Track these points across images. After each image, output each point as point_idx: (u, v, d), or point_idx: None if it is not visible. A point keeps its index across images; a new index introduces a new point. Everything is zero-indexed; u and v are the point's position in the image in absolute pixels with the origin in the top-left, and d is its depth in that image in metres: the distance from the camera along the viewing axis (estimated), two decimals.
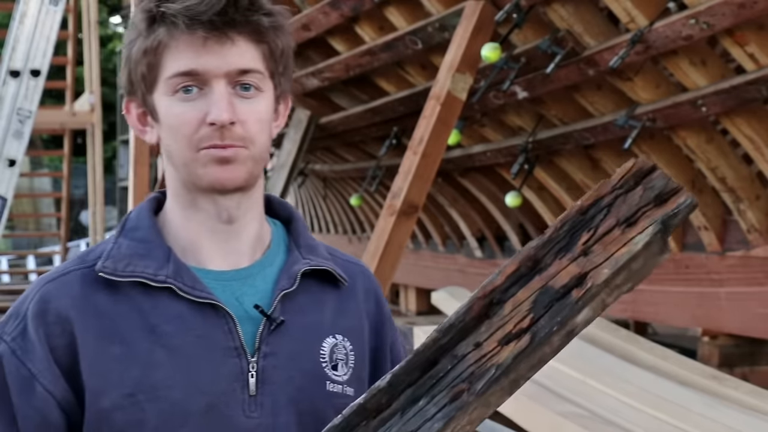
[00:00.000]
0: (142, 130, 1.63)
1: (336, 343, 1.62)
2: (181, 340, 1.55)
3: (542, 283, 1.41)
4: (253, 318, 1.58)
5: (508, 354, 1.38)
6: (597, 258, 1.41)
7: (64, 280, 1.59)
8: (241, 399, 1.55)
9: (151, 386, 1.53)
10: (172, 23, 1.54)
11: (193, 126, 1.55)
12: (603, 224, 1.42)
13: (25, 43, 9.22)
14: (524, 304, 1.40)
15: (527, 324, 1.39)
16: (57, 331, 1.55)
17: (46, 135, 19.32)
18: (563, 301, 1.39)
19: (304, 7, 7.12)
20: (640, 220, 1.41)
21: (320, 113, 8.01)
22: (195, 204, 1.60)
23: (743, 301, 5.78)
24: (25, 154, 9.53)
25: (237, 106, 1.55)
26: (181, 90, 1.55)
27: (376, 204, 8.98)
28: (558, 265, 1.41)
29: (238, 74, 1.56)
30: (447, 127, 5.62)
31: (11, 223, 18.02)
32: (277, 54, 1.59)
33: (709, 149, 5.50)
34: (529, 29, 5.53)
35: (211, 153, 1.55)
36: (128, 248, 1.59)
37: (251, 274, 1.61)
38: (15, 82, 9.14)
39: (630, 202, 1.42)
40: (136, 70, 1.58)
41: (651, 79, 5.43)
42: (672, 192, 1.43)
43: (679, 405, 4.79)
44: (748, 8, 4.58)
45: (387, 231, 5.44)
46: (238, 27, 1.55)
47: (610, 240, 1.41)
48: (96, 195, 12.90)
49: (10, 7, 10.12)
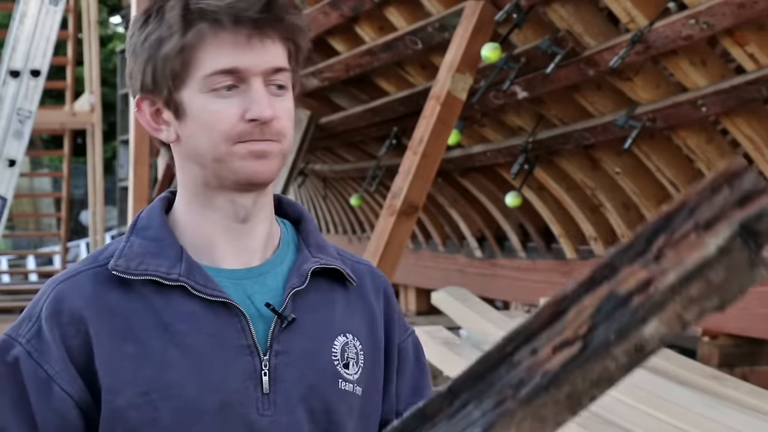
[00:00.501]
0: (156, 128, 1.62)
1: (347, 341, 1.63)
2: (194, 338, 1.56)
3: (609, 290, 1.32)
4: (264, 316, 1.59)
5: (557, 361, 1.30)
6: (667, 263, 1.30)
7: (77, 280, 1.59)
8: (254, 397, 1.56)
9: (164, 385, 1.54)
10: (215, 21, 1.54)
11: (232, 122, 1.55)
12: (681, 228, 1.31)
13: (25, 43, 9.22)
14: (587, 311, 1.32)
15: (585, 331, 1.31)
16: (72, 332, 1.56)
17: (46, 135, 19.32)
18: (625, 308, 1.30)
19: (304, 7, 7.12)
20: (719, 222, 1.30)
21: (320, 113, 8.01)
22: (212, 203, 1.61)
23: (743, 301, 5.76)
24: (25, 154, 9.53)
25: (274, 102, 1.57)
26: (222, 89, 1.55)
27: (376, 204, 8.98)
28: (629, 271, 1.32)
29: (273, 72, 1.57)
30: (447, 127, 5.62)
31: (11, 223, 18.02)
32: (300, 53, 1.62)
33: (709, 149, 5.50)
34: (529, 29, 5.53)
35: (249, 146, 1.55)
36: (140, 247, 1.60)
37: (262, 272, 1.62)
38: (15, 82, 9.14)
39: (714, 205, 1.30)
40: (164, 67, 1.56)
41: (651, 79, 5.43)
42: (758, 192, 1.30)
43: (679, 405, 4.79)
44: (748, 8, 4.58)
45: (387, 231, 5.44)
46: (276, 26, 1.56)
47: (685, 244, 1.30)
48: (96, 195, 12.91)
49: (10, 7, 10.13)
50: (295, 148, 8.15)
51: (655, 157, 5.76)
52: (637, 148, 5.69)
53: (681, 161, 5.80)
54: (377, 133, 7.68)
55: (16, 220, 18.49)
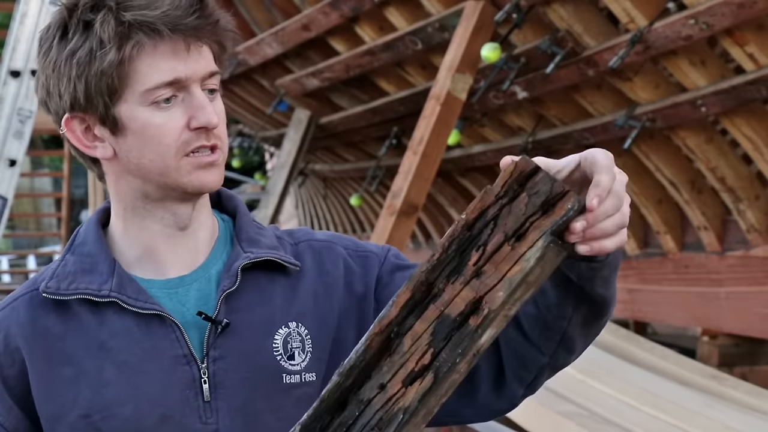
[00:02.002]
0: (89, 146, 1.57)
1: (289, 332, 1.58)
2: (129, 354, 1.54)
3: (438, 312, 1.35)
4: (199, 324, 1.56)
5: (414, 395, 1.33)
6: (490, 280, 1.34)
7: (13, 308, 1.59)
8: (195, 406, 1.54)
9: (103, 405, 1.53)
10: (153, 31, 1.50)
11: (176, 133, 1.52)
12: (491, 240, 1.35)
13: (25, 43, 9.21)
14: (423, 338, 1.34)
15: (429, 360, 1.34)
16: (8, 362, 1.56)
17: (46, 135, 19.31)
18: (462, 331, 1.34)
19: (304, 7, 7.12)
20: (528, 232, 1.34)
21: (320, 113, 8.01)
22: (151, 215, 1.58)
23: (743, 300, 5.78)
24: (25, 154, 9.53)
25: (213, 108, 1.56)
26: (162, 101, 1.52)
27: (376, 204, 8.98)
28: (451, 290, 1.35)
29: (208, 77, 1.55)
30: (447, 127, 5.63)
31: (12, 223, 18.02)
32: (224, 54, 1.59)
33: (709, 149, 5.50)
34: (528, 29, 5.54)
35: (197, 160, 1.54)
36: (73, 265, 1.58)
37: (197, 278, 1.59)
38: (15, 82, 9.14)
39: (516, 213, 1.34)
40: (99, 83, 1.51)
41: (651, 79, 5.43)
42: (558, 196, 1.34)
43: (678, 405, 4.80)
44: (748, 8, 4.59)
45: (387, 231, 5.45)
46: (206, 29, 1.54)
47: (501, 258, 1.34)
48: (96, 195, 12.91)
49: (11, 7, 10.13)
50: (295, 148, 8.15)
51: (654, 157, 5.77)
52: (637, 148, 5.69)
53: (680, 161, 5.81)
54: (377, 133, 7.68)
55: (16, 219, 18.49)
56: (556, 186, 1.35)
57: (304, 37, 7.18)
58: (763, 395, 4.99)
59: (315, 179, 10.28)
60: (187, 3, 1.51)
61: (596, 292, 1.47)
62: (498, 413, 1.62)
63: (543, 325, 1.51)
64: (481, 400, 1.58)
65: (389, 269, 1.65)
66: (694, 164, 5.73)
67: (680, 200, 5.88)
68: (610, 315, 1.55)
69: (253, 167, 14.48)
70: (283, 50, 7.53)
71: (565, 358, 1.56)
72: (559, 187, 1.35)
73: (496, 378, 1.57)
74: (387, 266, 1.66)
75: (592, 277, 1.45)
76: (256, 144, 11.40)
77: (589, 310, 1.51)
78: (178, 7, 1.51)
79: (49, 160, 21.35)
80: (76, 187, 17.37)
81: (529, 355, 1.54)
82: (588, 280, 1.46)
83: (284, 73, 7.82)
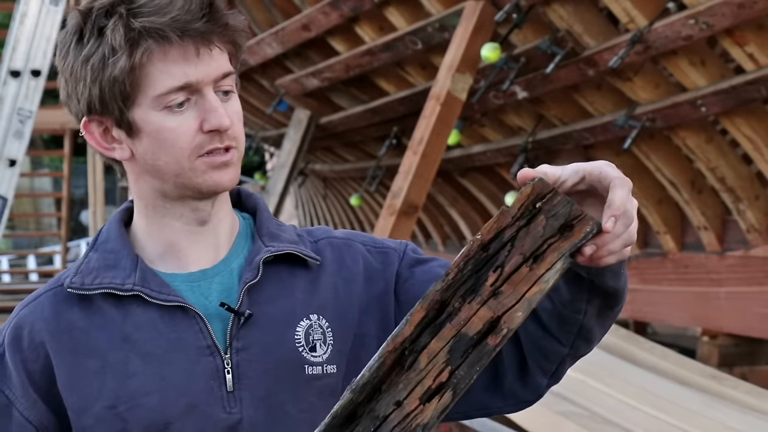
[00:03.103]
0: (107, 148, 1.60)
1: (311, 324, 1.61)
2: (154, 345, 1.57)
3: (455, 331, 1.38)
4: (222, 315, 1.59)
5: (432, 412, 1.37)
6: (508, 300, 1.38)
7: (38, 303, 1.62)
8: (219, 396, 1.57)
9: (129, 395, 1.56)
10: (162, 37, 1.52)
11: (190, 136, 1.55)
12: (509, 262, 1.39)
13: (25, 43, 9.21)
14: (440, 356, 1.38)
15: (446, 377, 1.37)
16: (32, 357, 1.59)
17: (46, 135, 19.32)
18: (480, 349, 1.38)
19: (304, 7, 7.13)
20: (546, 254, 1.38)
21: (320, 113, 8.01)
22: (172, 212, 1.61)
23: (743, 300, 5.78)
24: (25, 154, 9.53)
25: (226, 109, 1.57)
26: (175, 106, 1.54)
27: (376, 204, 8.98)
28: (468, 309, 1.39)
29: (221, 78, 1.57)
30: (447, 127, 5.63)
31: (12, 223, 18.03)
32: (240, 52, 1.61)
33: (709, 149, 5.51)
34: (528, 29, 5.54)
35: (211, 160, 1.56)
36: (97, 261, 1.61)
37: (218, 272, 1.62)
38: (15, 82, 9.14)
39: (534, 234, 1.39)
40: (113, 88, 1.54)
41: (650, 79, 5.43)
42: (575, 218, 1.39)
43: (678, 405, 4.80)
44: (748, 8, 4.59)
45: (387, 231, 5.45)
46: (216, 32, 1.55)
47: (519, 279, 1.38)
48: (96, 195, 12.91)
49: (10, 7, 10.13)
50: (295, 148, 8.16)
51: (654, 157, 5.77)
52: (637, 148, 5.69)
53: (680, 161, 5.81)
54: (377, 133, 7.68)
55: (16, 219, 18.51)
56: (575, 209, 1.39)
57: (304, 37, 7.18)
58: (763, 395, 4.99)
59: (315, 179, 10.28)
60: (196, 7, 1.53)
61: (607, 285, 1.51)
62: (525, 403, 1.65)
63: (560, 319, 1.55)
64: (507, 389, 1.62)
65: (408, 264, 1.68)
66: (694, 164, 5.73)
67: (680, 200, 5.88)
68: (624, 303, 1.58)
69: (253, 167, 14.50)
70: (283, 50, 7.53)
71: (585, 348, 1.61)
72: (577, 210, 1.39)
73: (519, 369, 1.61)
74: (406, 261, 1.69)
75: (602, 271, 1.49)
76: (256, 144, 11.40)
77: (603, 302, 1.54)
78: (188, 11, 1.52)
79: (49, 160, 21.36)
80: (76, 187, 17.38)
81: (549, 346, 1.58)
82: (598, 275, 1.50)
83: (284, 73, 7.83)
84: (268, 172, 11.88)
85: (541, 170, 1.42)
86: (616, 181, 1.43)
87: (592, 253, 1.41)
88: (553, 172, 1.43)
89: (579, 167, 1.45)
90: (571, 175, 1.44)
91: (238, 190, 1.71)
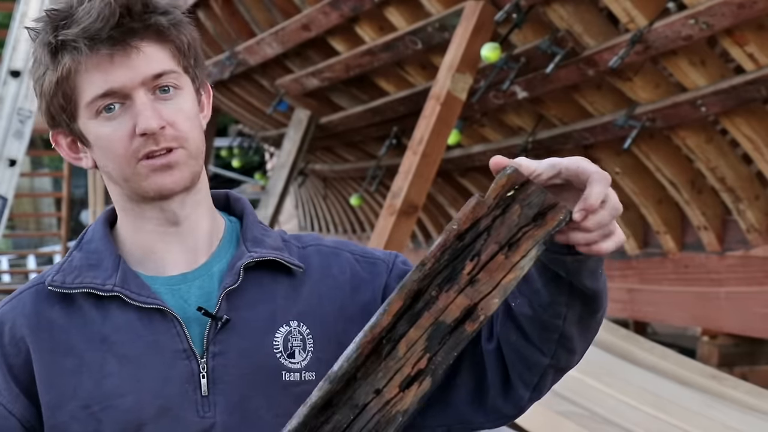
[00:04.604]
0: (76, 158, 1.64)
1: (290, 330, 1.60)
2: (131, 347, 1.58)
3: (432, 319, 1.40)
4: (200, 319, 1.59)
5: (412, 398, 1.39)
6: (484, 287, 1.41)
7: (18, 300, 1.63)
8: (194, 399, 1.57)
9: (103, 396, 1.57)
10: (74, 48, 1.53)
11: (125, 141, 1.55)
12: (485, 250, 1.41)
13: (25, 43, 9.20)
14: (418, 343, 1.40)
15: (425, 364, 1.39)
16: (13, 351, 1.60)
17: (46, 135, 19.30)
18: (457, 335, 1.40)
19: (304, 7, 7.12)
20: (521, 241, 1.41)
21: (320, 113, 8.01)
22: (142, 214, 1.62)
23: (743, 300, 5.78)
24: (25, 154, 9.53)
25: (162, 109, 1.56)
26: (103, 111, 1.55)
27: (376, 204, 8.98)
28: (446, 298, 1.41)
29: (153, 79, 1.56)
30: (447, 127, 5.63)
31: (12, 223, 18.02)
32: (185, 49, 1.59)
33: (709, 149, 5.51)
34: (528, 29, 5.54)
35: (150, 163, 1.56)
36: (80, 260, 1.62)
37: (199, 275, 1.62)
38: (15, 82, 9.14)
39: (509, 223, 1.41)
40: (53, 103, 1.57)
41: (650, 79, 5.43)
42: (549, 207, 1.42)
43: (678, 405, 4.80)
44: (748, 8, 4.59)
45: (387, 231, 5.45)
46: (139, 34, 1.54)
47: (495, 266, 1.41)
48: (96, 195, 12.91)
49: (11, 7, 10.13)
50: (295, 148, 8.16)
51: (654, 157, 5.77)
52: (637, 147, 5.69)
53: (680, 161, 5.81)
54: (377, 133, 7.68)
55: (16, 219, 18.50)
56: (548, 198, 1.42)
57: (304, 37, 7.18)
58: (763, 395, 4.99)
59: (315, 179, 10.28)
60: (110, 13, 1.52)
61: (585, 285, 1.51)
62: (507, 418, 1.64)
63: (540, 326, 1.54)
64: (490, 404, 1.61)
65: (398, 275, 1.67)
66: (694, 164, 5.73)
67: (680, 200, 5.88)
68: (604, 311, 1.58)
69: (253, 167, 14.50)
70: (283, 50, 7.53)
71: (566, 359, 1.59)
72: (550, 199, 1.42)
73: (503, 382, 1.60)
74: (395, 272, 1.68)
75: (579, 269, 1.49)
76: (256, 144, 11.41)
77: (583, 306, 1.54)
78: (100, 18, 1.52)
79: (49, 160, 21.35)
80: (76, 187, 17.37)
81: (531, 356, 1.57)
82: (575, 274, 1.49)
83: (284, 72, 7.83)
84: (268, 172, 11.89)
85: (517, 162, 1.43)
86: (595, 176, 1.43)
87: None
88: (528, 165, 1.44)
89: (555, 161, 1.45)
90: (547, 168, 1.45)
91: (227, 193, 1.71)
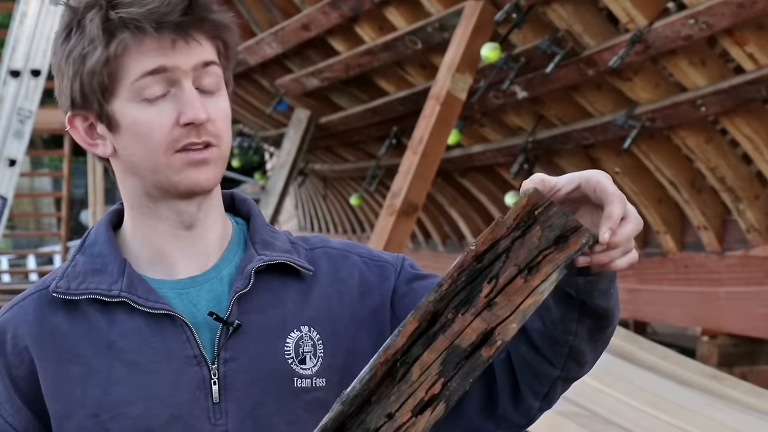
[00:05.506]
0: (91, 144, 1.58)
1: (301, 335, 1.57)
2: (139, 353, 1.54)
3: (448, 343, 1.36)
4: (210, 324, 1.55)
5: (425, 425, 1.35)
6: (502, 311, 1.36)
7: (21, 307, 1.59)
8: (205, 407, 1.53)
9: (112, 404, 1.52)
10: (137, 28, 1.50)
11: (166, 129, 1.52)
12: (503, 273, 1.37)
13: (25, 43, 9.21)
14: (433, 367, 1.36)
15: (439, 389, 1.35)
16: (16, 362, 1.56)
17: (46, 135, 19.32)
18: (473, 361, 1.36)
19: (304, 7, 7.12)
20: (542, 265, 1.37)
21: (320, 113, 8.01)
22: (156, 214, 1.58)
23: (743, 300, 5.78)
24: (25, 154, 9.53)
25: (206, 104, 1.54)
26: (152, 95, 1.52)
27: (376, 204, 8.98)
28: (462, 321, 1.36)
29: (203, 66, 1.54)
30: (447, 127, 5.63)
31: (12, 223, 18.02)
32: (229, 49, 1.58)
33: (709, 149, 5.50)
34: (528, 29, 5.54)
35: (188, 157, 1.53)
36: (84, 265, 1.58)
37: (208, 279, 1.58)
38: (15, 82, 9.14)
39: (529, 246, 1.37)
40: (92, 81, 1.53)
41: (650, 79, 5.43)
42: (571, 230, 1.38)
43: (678, 404, 4.80)
44: (748, 8, 4.59)
45: (387, 230, 5.45)
46: (199, 26, 1.53)
47: (514, 290, 1.36)
48: (96, 195, 12.91)
49: (10, 7, 10.13)
50: (295, 148, 8.16)
51: (654, 157, 5.77)
52: (637, 147, 5.69)
53: (680, 161, 5.81)
54: (377, 133, 7.68)
55: (16, 219, 18.50)
56: (570, 221, 1.38)
57: (304, 36, 7.18)
58: (763, 395, 4.99)
59: (315, 179, 10.28)
60: (176, 0, 1.52)
61: (597, 305, 1.49)
62: (517, 427, 1.62)
63: (551, 340, 1.52)
64: (500, 413, 1.58)
65: (406, 279, 1.64)
66: (694, 164, 5.73)
67: (680, 200, 5.88)
68: (615, 325, 1.56)
69: (252, 167, 14.49)
70: (283, 50, 7.53)
71: (577, 371, 1.57)
72: (573, 222, 1.38)
73: (512, 392, 1.57)
74: (404, 276, 1.65)
75: (591, 290, 1.47)
76: (255, 144, 11.40)
77: (593, 323, 1.52)
78: (167, 4, 1.51)
79: (49, 160, 21.35)
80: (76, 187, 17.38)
81: (541, 368, 1.55)
82: (587, 294, 1.47)
83: (284, 72, 7.83)
84: (268, 172, 11.88)
85: (536, 177, 1.41)
86: (614, 197, 1.40)
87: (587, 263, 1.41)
88: (548, 179, 1.41)
89: (575, 176, 1.43)
90: (567, 182, 1.42)
91: (232, 194, 1.67)
